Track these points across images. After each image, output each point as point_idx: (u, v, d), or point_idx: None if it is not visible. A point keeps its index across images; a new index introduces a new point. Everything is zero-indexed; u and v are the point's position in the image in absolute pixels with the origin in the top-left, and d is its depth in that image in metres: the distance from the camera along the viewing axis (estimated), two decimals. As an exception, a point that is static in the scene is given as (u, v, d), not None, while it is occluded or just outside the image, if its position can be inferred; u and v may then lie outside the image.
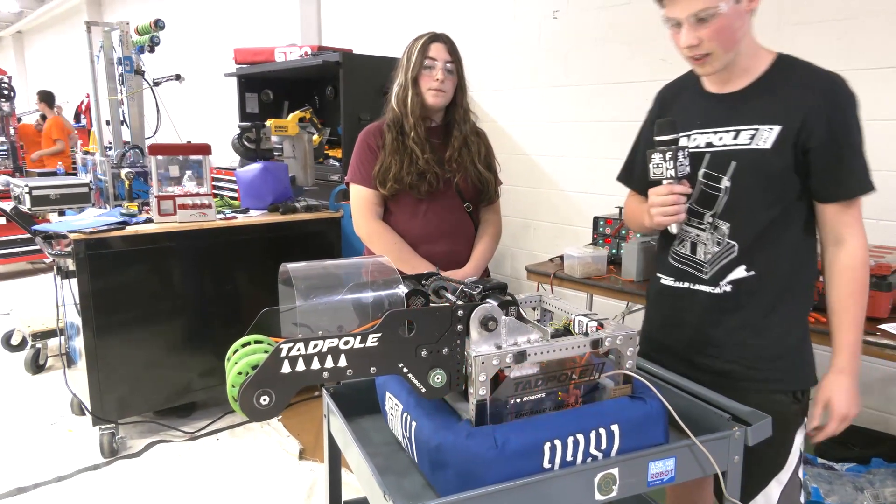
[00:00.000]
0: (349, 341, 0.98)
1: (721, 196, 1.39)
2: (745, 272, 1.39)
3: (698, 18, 1.27)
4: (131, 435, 2.99)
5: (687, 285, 1.47)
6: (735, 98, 1.40)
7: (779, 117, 1.33)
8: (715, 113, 1.42)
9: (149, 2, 8.02)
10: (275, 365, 0.95)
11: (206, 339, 3.01)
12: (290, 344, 0.95)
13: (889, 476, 2.27)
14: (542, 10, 3.53)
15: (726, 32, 1.28)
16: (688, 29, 1.29)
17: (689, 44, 1.31)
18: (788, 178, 1.34)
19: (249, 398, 0.94)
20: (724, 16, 1.26)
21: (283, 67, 4.27)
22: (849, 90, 1.32)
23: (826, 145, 1.30)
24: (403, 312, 1.02)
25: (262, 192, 3.16)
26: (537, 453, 1.02)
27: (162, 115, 3.85)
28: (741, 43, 1.33)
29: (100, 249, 2.66)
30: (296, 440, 2.93)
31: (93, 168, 3.56)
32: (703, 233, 1.43)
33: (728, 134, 1.38)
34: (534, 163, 3.66)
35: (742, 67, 1.38)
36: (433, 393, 1.04)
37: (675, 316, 1.51)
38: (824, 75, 1.33)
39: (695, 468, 1.13)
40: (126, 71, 3.62)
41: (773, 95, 1.35)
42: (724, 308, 1.42)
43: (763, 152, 1.33)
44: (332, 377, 0.98)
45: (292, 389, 0.97)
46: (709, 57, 1.32)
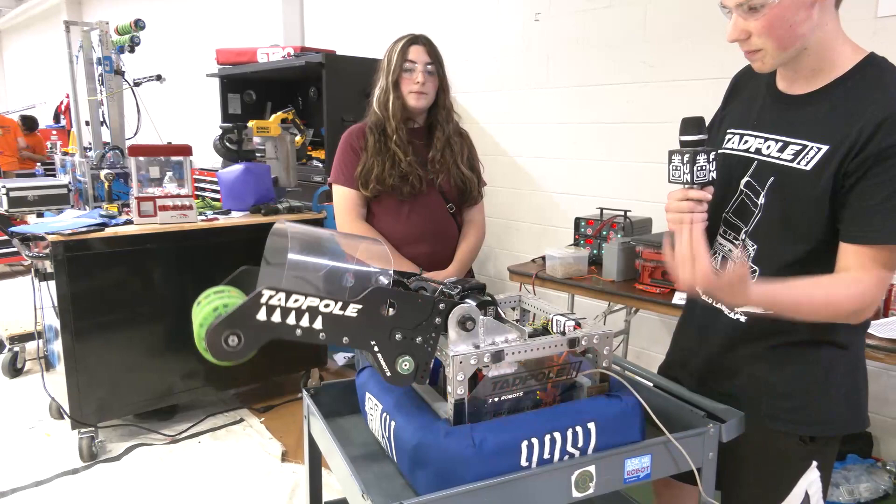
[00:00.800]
0: (330, 305, 0.97)
1: (756, 213, 1.22)
2: (762, 310, 1.21)
3: (749, 7, 1.08)
4: (111, 438, 2.97)
5: (710, 301, 1.33)
6: (796, 102, 1.18)
7: (831, 136, 1.11)
8: (772, 115, 1.22)
9: (130, 1, 7.95)
10: (252, 308, 0.94)
11: (187, 341, 2.94)
12: (273, 292, 0.94)
13: (864, 472, 2.31)
14: (525, 12, 3.56)
15: (780, 26, 1.07)
16: (735, 20, 1.11)
17: (734, 37, 1.13)
18: (820, 212, 1.12)
19: (218, 336, 0.93)
20: (778, 6, 1.05)
21: (265, 68, 4.26)
22: None
23: (863, 174, 1.07)
24: (389, 291, 1.03)
25: (243, 193, 3.14)
26: (515, 452, 1.03)
27: (143, 115, 3.82)
28: (806, 38, 1.10)
29: (78, 251, 2.63)
30: (278, 442, 2.92)
31: (72, 169, 3.52)
32: (735, 249, 1.27)
33: (776, 144, 1.19)
34: (516, 164, 3.68)
35: (811, 67, 1.15)
36: (397, 379, 1.04)
37: (701, 332, 1.38)
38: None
39: (670, 465, 1.15)
40: (106, 71, 3.59)
41: (837, 107, 1.12)
42: (738, 336, 1.28)
43: (800, 174, 1.14)
44: (304, 336, 0.97)
45: (262, 338, 0.95)
46: (760, 53, 1.13)
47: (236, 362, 0.96)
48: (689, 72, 2.83)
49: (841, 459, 2.39)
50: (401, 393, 1.18)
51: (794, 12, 1.06)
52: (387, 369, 1.03)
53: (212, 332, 0.93)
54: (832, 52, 1.14)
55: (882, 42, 2.36)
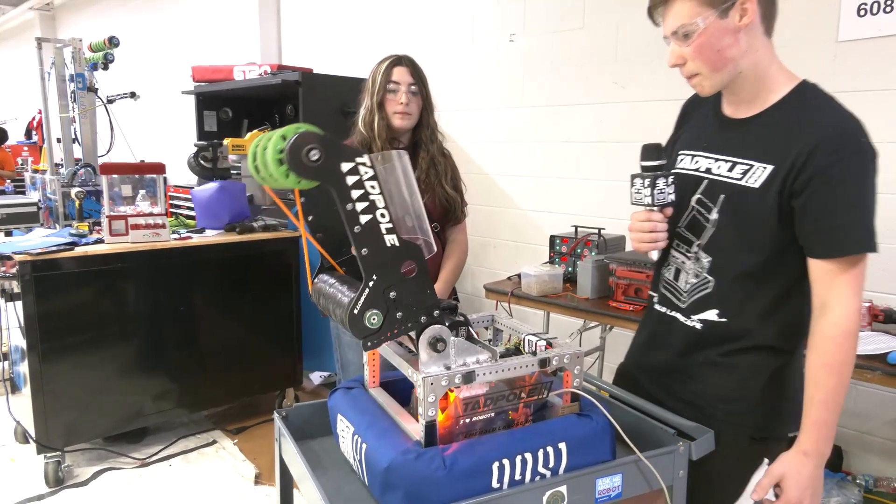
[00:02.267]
0: (385, 217, 1.01)
1: (708, 227, 1.31)
2: (716, 317, 1.31)
3: (682, 35, 1.19)
4: (78, 463, 2.89)
5: (665, 310, 1.42)
6: (740, 126, 1.29)
7: (774, 156, 1.21)
8: (719, 138, 1.32)
9: (104, 18, 7.90)
10: (344, 153, 0.97)
11: (158, 362, 2.94)
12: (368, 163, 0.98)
13: (833, 486, 2.34)
14: (500, 32, 3.60)
15: (709, 51, 1.19)
16: (672, 46, 1.23)
17: (672, 63, 1.25)
18: (772, 225, 1.22)
19: (305, 144, 0.94)
20: (705, 32, 1.17)
21: (242, 86, 4.25)
22: (857, 139, 1.16)
23: (811, 194, 1.16)
24: (422, 259, 1.05)
25: (218, 211, 3.12)
26: (486, 473, 1.03)
27: (116, 132, 3.79)
28: (738, 63, 1.21)
29: (47, 271, 2.58)
30: (251, 464, 2.87)
31: (42, 186, 3.47)
32: (687, 261, 1.35)
33: (726, 164, 1.29)
34: (492, 181, 3.71)
35: (749, 91, 1.26)
36: (356, 323, 1.02)
37: (657, 338, 1.46)
38: (835, 116, 1.19)
39: (641, 483, 1.15)
40: (78, 88, 3.56)
41: (777, 130, 1.22)
42: (693, 342, 1.36)
43: (750, 192, 1.23)
44: (346, 214, 0.98)
45: (328, 179, 0.96)
46: (697, 77, 1.24)
47: (297, 184, 0.98)
48: (659, 92, 2.89)
49: (812, 474, 2.42)
50: (372, 415, 1.17)
51: (719, 38, 1.17)
52: (357, 308, 1.02)
53: (295, 143, 0.93)
54: (767, 77, 1.24)
55: (842, 66, 2.44)
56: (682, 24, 1.18)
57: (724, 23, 1.17)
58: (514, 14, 3.52)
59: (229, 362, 3.16)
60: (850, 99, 2.61)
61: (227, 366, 3.15)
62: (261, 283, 3.21)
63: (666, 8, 1.21)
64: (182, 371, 3.00)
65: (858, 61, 2.41)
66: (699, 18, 1.16)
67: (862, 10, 2.37)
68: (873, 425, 2.54)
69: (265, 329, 3.25)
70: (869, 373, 1.86)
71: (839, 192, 1.15)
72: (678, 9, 1.18)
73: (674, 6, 1.19)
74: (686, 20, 1.18)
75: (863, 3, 2.36)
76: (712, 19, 1.16)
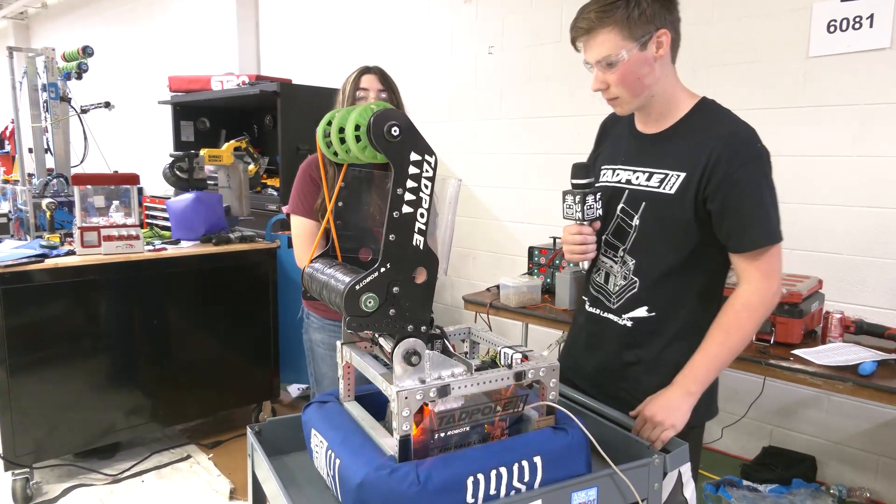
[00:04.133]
0: (423, 217, 1.05)
1: (632, 233, 1.44)
2: (645, 313, 1.43)
3: (607, 64, 1.33)
4: (48, 479, 2.82)
5: (598, 312, 1.53)
6: (653, 140, 1.44)
7: (685, 165, 1.36)
8: (636, 152, 1.47)
9: (80, 28, 7.80)
10: (416, 142, 1.04)
11: (131, 376, 2.88)
12: (433, 161, 1.06)
13: (808, 496, 2.37)
14: (479, 45, 3.63)
15: (631, 78, 1.33)
16: (596, 73, 1.37)
17: (596, 87, 1.39)
18: (690, 225, 1.36)
19: (388, 120, 1.01)
20: (628, 63, 1.31)
21: (220, 96, 4.22)
22: (755, 144, 1.32)
23: (723, 197, 1.31)
24: (435, 266, 1.08)
25: (193, 222, 3.08)
26: (460, 488, 1.02)
27: (90, 143, 3.73)
28: (652, 88, 1.36)
29: (16, 284, 2.52)
30: (226, 479, 2.82)
31: (13, 197, 3.40)
32: (615, 265, 1.48)
33: (643, 174, 1.43)
34: (471, 193, 3.72)
35: (659, 111, 1.42)
36: (352, 300, 1.03)
37: (590, 340, 1.56)
38: (731, 129, 1.35)
39: (616, 497, 1.15)
40: (51, 97, 3.51)
41: (685, 142, 1.38)
42: (625, 341, 1.47)
43: (667, 198, 1.37)
44: (391, 196, 1.03)
45: (396, 157, 1.03)
46: (618, 100, 1.39)
47: (365, 155, 1.08)
48: (636, 106, 2.92)
49: (787, 484, 2.45)
50: (346, 430, 1.16)
51: (639, 67, 1.33)
52: (360, 286, 1.04)
53: (393, 112, 1.02)
54: (674, 97, 1.41)
55: (813, 81, 2.49)
56: (607, 55, 1.32)
57: (643, 54, 1.32)
58: (493, 27, 3.55)
59: (204, 375, 3.11)
60: (820, 113, 2.68)
61: (203, 379, 3.10)
62: (237, 295, 3.17)
63: (589, 38, 1.33)
64: (156, 385, 2.95)
65: (829, 76, 2.46)
66: (623, 51, 1.30)
67: (832, 26, 2.42)
68: (846, 436, 2.58)
69: (241, 341, 3.21)
70: (840, 384, 1.89)
71: (745, 194, 1.31)
72: (602, 40, 1.31)
73: (598, 37, 1.32)
74: (611, 51, 1.31)
75: (833, 20, 2.42)
76: (634, 51, 1.30)
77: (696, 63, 2.76)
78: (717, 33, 2.71)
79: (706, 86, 2.76)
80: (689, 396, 1.34)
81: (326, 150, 1.20)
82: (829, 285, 2.43)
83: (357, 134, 1.08)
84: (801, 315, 2.13)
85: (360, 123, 1.07)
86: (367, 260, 1.32)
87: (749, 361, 2.05)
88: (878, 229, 2.40)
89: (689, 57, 2.76)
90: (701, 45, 2.73)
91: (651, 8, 1.29)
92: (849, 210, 2.46)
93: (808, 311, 2.17)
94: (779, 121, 2.57)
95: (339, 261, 1.28)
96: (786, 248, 2.63)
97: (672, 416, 1.31)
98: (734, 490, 2.43)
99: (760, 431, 2.80)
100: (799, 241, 2.55)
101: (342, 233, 1.29)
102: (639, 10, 1.28)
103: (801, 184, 2.53)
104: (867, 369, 1.89)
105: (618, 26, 1.29)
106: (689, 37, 2.53)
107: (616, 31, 1.29)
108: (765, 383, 2.66)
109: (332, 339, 2.01)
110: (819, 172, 2.51)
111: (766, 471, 2.54)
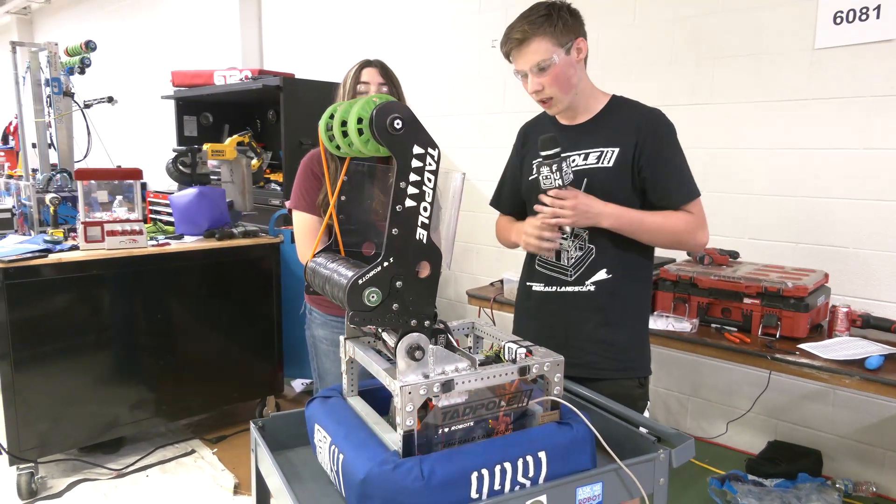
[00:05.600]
0: (427, 211, 1.05)
1: None
2: (605, 275, 1.59)
3: (539, 68, 1.53)
4: (53, 474, 2.83)
5: (555, 289, 1.65)
6: (581, 129, 1.64)
7: (617, 142, 1.57)
8: (567, 141, 1.61)
9: (83, 23, 7.80)
10: (419, 135, 1.04)
11: (135, 371, 2.89)
12: (436, 154, 1.06)
13: (814, 490, 2.36)
14: (481, 39, 3.61)
15: (562, 79, 1.54)
16: (531, 78, 1.55)
17: (533, 90, 1.57)
18: (628, 193, 1.56)
19: (390, 113, 1.01)
20: (558, 65, 1.53)
21: (222, 91, 4.21)
22: (667, 121, 1.59)
23: (653, 164, 1.54)
24: (439, 260, 1.08)
25: (197, 217, 3.07)
26: (464, 483, 1.02)
27: (93, 138, 3.73)
28: (577, 86, 1.58)
29: (20, 279, 2.52)
30: (231, 474, 2.82)
31: (16, 192, 3.40)
32: (565, 241, 1.60)
33: (579, 157, 1.60)
34: (473, 186, 3.71)
35: (583, 106, 1.63)
36: (355, 294, 1.03)
37: (547, 318, 1.67)
38: (648, 110, 1.61)
39: (622, 492, 1.14)
40: (54, 92, 3.50)
41: (611, 125, 1.60)
42: (589, 307, 1.61)
43: (607, 170, 1.56)
44: (394, 189, 1.04)
45: (399, 149, 1.03)
46: (552, 100, 1.58)
47: (376, 150, 1.07)
48: (634, 96, 2.90)
49: (792, 478, 2.44)
50: (350, 425, 1.15)
51: (567, 69, 1.55)
52: (363, 280, 1.03)
53: (394, 104, 1.02)
54: (593, 94, 1.65)
55: (819, 72, 2.47)
56: (541, 60, 1.52)
57: (568, 58, 1.54)
58: (496, 21, 3.53)
59: (208, 370, 3.11)
60: (826, 105, 2.66)
61: (206, 374, 3.11)
62: (241, 290, 3.17)
63: (523, 47, 1.54)
64: (160, 379, 2.95)
65: (834, 68, 2.44)
66: (554, 55, 1.52)
67: (838, 18, 2.40)
68: (852, 430, 2.56)
69: (245, 336, 3.21)
70: (847, 378, 1.88)
71: (672, 160, 1.56)
72: (535, 48, 1.52)
73: (531, 45, 1.52)
74: (544, 56, 1.52)
75: (839, 12, 2.39)
76: (562, 56, 1.53)
77: (701, 55, 2.74)
78: (722, 25, 2.68)
79: (711, 77, 2.75)
80: (605, 211, 1.52)
81: (329, 143, 1.19)
82: (835, 279, 2.41)
83: (359, 127, 1.07)
84: (808, 309, 2.11)
85: (362, 116, 1.06)
86: (370, 254, 1.31)
87: (755, 356, 2.04)
88: (885, 222, 2.39)
89: (695, 49, 2.77)
90: (706, 36, 2.71)
91: (570, 21, 1.54)
92: (855, 203, 2.44)
93: (814, 305, 2.16)
94: (784, 113, 2.55)
95: (342, 255, 1.27)
96: (792, 241, 2.63)
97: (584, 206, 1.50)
98: (739, 485, 2.43)
99: (766, 426, 2.79)
100: (805, 234, 2.53)
101: (345, 227, 1.28)
102: (561, 21, 1.52)
103: (807, 176, 2.51)
104: (874, 363, 1.88)
105: (547, 35, 1.51)
106: (695, 28, 2.55)
107: (546, 39, 1.51)
108: (770, 377, 2.65)
109: (334, 336, 2.01)
110: (825, 165, 2.49)
111: (771, 465, 2.53)
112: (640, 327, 1.67)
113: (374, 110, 1.01)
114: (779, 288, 2.13)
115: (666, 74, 2.87)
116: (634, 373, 1.64)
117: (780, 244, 2.60)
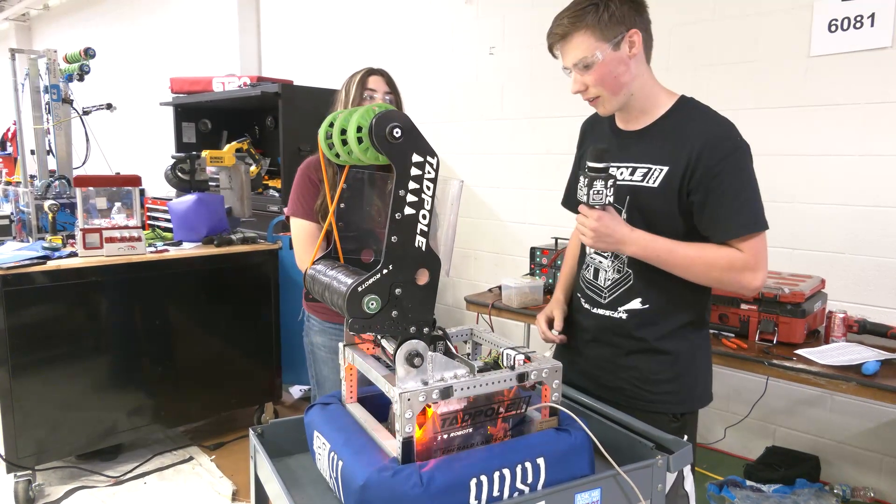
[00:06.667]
0: (425, 219, 1.06)
1: None
2: (640, 305, 1.46)
3: (583, 66, 1.39)
4: (50, 481, 2.82)
5: (589, 308, 1.56)
6: (635, 136, 1.48)
7: (668, 159, 1.39)
8: (618, 149, 1.49)
9: (82, 30, 7.82)
10: (419, 144, 1.04)
11: (133, 378, 2.88)
12: (435, 162, 1.06)
13: (812, 496, 2.36)
14: (480, 46, 3.63)
15: (608, 78, 1.39)
16: (575, 76, 1.43)
17: (575, 89, 1.44)
18: (674, 217, 1.40)
19: (389, 122, 1.01)
20: (604, 63, 1.37)
21: (221, 97, 4.22)
22: (734, 138, 1.36)
23: (706, 189, 1.35)
24: (437, 267, 1.09)
25: (195, 223, 3.08)
26: (463, 490, 1.02)
27: (92, 144, 3.74)
28: (630, 86, 1.42)
29: (18, 285, 2.53)
30: (229, 481, 2.82)
31: (15, 199, 3.40)
32: (605, 260, 1.51)
33: (627, 169, 1.46)
34: (472, 193, 3.72)
35: (639, 109, 1.46)
36: (354, 301, 1.04)
37: (584, 335, 1.59)
38: (715, 122, 1.39)
39: (620, 498, 1.15)
40: (53, 99, 3.51)
41: (667, 138, 1.42)
42: (621, 333, 1.49)
43: (651, 191, 1.41)
44: (393, 197, 1.05)
45: (399, 159, 1.03)
46: (599, 99, 1.44)
47: (375, 158, 1.08)
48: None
49: (790, 484, 2.44)
50: (349, 431, 1.16)
51: (615, 66, 1.38)
52: (362, 287, 1.04)
53: (394, 113, 1.02)
54: (653, 95, 1.46)
55: (814, 80, 2.49)
56: (583, 57, 1.37)
57: (617, 54, 1.37)
58: (494, 27, 3.55)
59: (206, 377, 3.11)
60: (821, 112, 2.68)
61: (205, 380, 3.10)
62: (239, 297, 3.17)
63: (564, 43, 1.40)
64: (158, 386, 2.95)
65: (829, 76, 2.46)
66: (597, 52, 1.36)
67: (833, 26, 2.42)
68: (850, 435, 2.57)
69: (243, 343, 3.21)
70: (844, 383, 1.88)
71: (726, 184, 1.34)
72: (577, 43, 1.37)
73: (572, 41, 1.38)
74: (586, 53, 1.36)
75: (834, 20, 2.41)
76: (608, 52, 1.36)
77: (696, 62, 2.76)
78: (717, 32, 2.70)
79: (707, 85, 2.76)
80: (630, 238, 1.38)
81: (328, 151, 1.20)
82: (831, 285, 2.42)
83: (359, 135, 1.08)
84: (804, 315, 2.12)
85: (361, 125, 1.07)
86: (369, 261, 1.31)
87: (752, 361, 2.05)
88: (881, 228, 2.40)
89: (690, 56, 2.79)
90: (701, 43, 2.73)
91: (620, 10, 1.35)
92: (851, 209, 2.45)
93: (810, 311, 2.17)
94: (780, 120, 2.57)
95: (341, 262, 1.28)
96: (788, 247, 2.64)
97: (605, 228, 1.37)
98: (737, 490, 2.43)
99: (764, 431, 2.79)
100: (801, 240, 2.54)
101: (344, 234, 1.29)
102: (608, 12, 1.34)
103: (803, 183, 2.52)
104: (870, 369, 1.89)
105: (590, 29, 1.35)
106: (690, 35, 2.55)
107: (589, 33, 1.36)
108: (768, 383, 2.65)
109: (333, 343, 2.01)
110: (821, 172, 2.50)
111: (769, 471, 2.53)
112: (680, 358, 1.48)
113: (373, 119, 1.02)
114: (776, 294, 2.14)
115: (661, 82, 2.88)
116: (667, 407, 1.48)
117: (776, 250, 2.61)
